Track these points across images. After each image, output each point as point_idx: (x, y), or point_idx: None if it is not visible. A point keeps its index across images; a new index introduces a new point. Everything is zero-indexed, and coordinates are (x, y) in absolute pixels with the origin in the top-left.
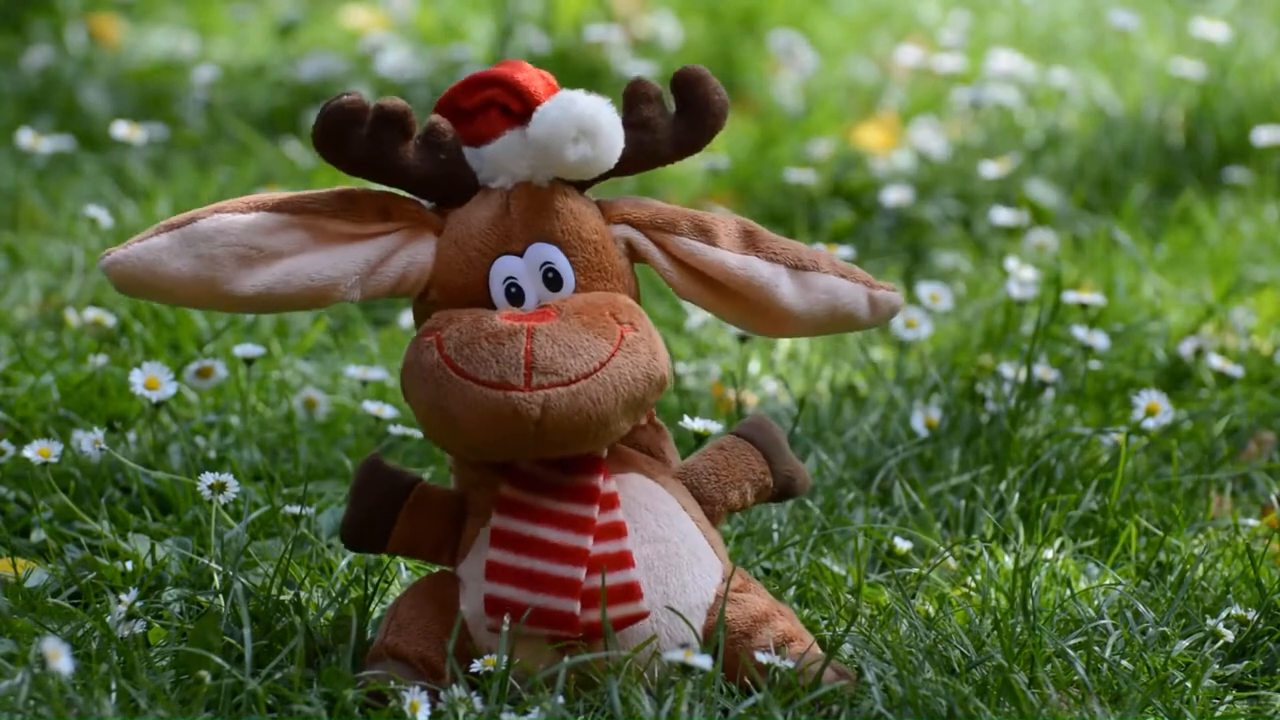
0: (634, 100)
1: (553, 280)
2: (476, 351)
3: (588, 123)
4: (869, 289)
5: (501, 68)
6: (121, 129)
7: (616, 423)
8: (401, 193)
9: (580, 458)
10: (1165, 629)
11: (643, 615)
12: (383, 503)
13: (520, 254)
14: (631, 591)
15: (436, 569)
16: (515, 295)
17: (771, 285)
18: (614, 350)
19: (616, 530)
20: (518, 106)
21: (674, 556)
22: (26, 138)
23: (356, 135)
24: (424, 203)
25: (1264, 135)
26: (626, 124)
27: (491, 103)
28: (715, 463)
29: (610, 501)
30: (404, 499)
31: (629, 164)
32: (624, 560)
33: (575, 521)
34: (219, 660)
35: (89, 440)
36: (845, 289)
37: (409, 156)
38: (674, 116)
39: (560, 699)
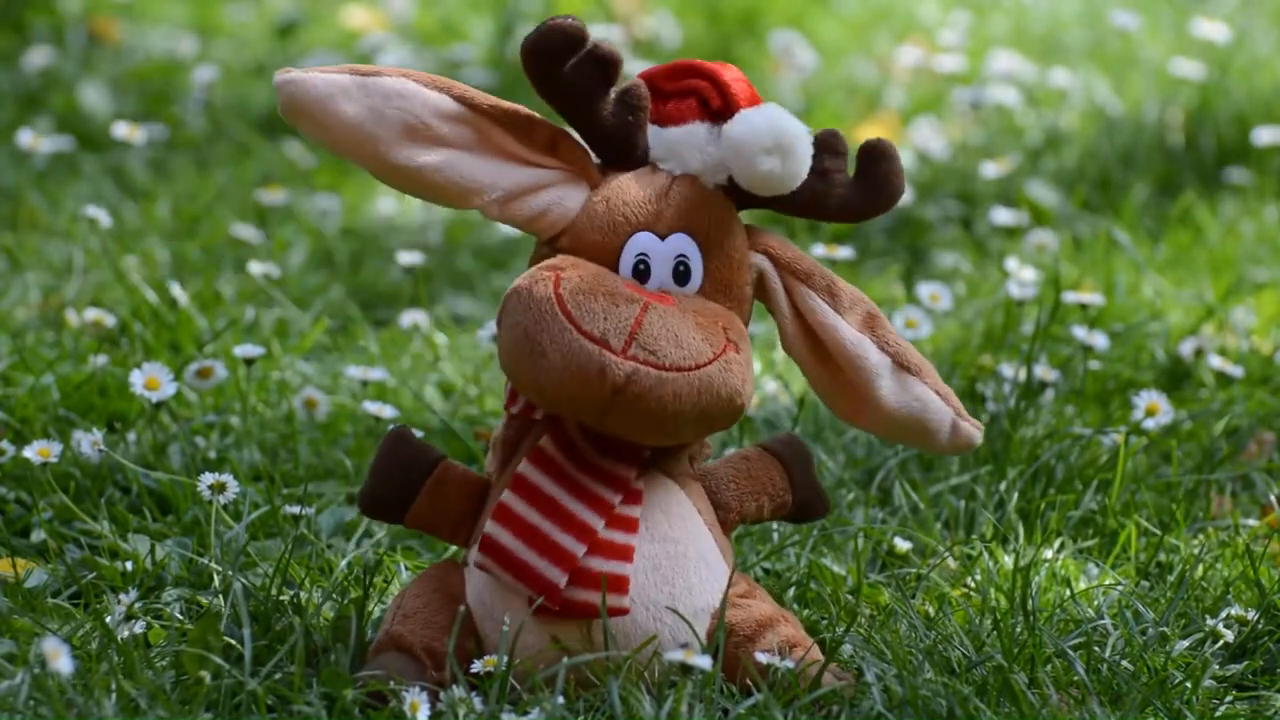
0: (823, 148)
1: (682, 274)
2: (591, 302)
3: (787, 140)
4: (957, 417)
5: (712, 64)
6: (121, 129)
7: (686, 427)
8: (576, 135)
9: (626, 447)
10: (1165, 629)
11: (624, 611)
12: (404, 477)
13: (662, 237)
14: (619, 584)
15: (443, 560)
16: (641, 273)
17: (874, 373)
18: (713, 358)
19: (628, 524)
20: (717, 103)
21: (682, 558)
22: (26, 138)
23: (566, 62)
24: (592, 155)
25: (1264, 135)
26: (810, 168)
27: (692, 92)
28: (738, 471)
29: (634, 497)
30: (427, 476)
31: (787, 203)
32: (624, 553)
33: (595, 501)
34: (219, 660)
35: (88, 441)
36: (937, 407)
37: (603, 104)
38: (852, 181)
39: (560, 699)
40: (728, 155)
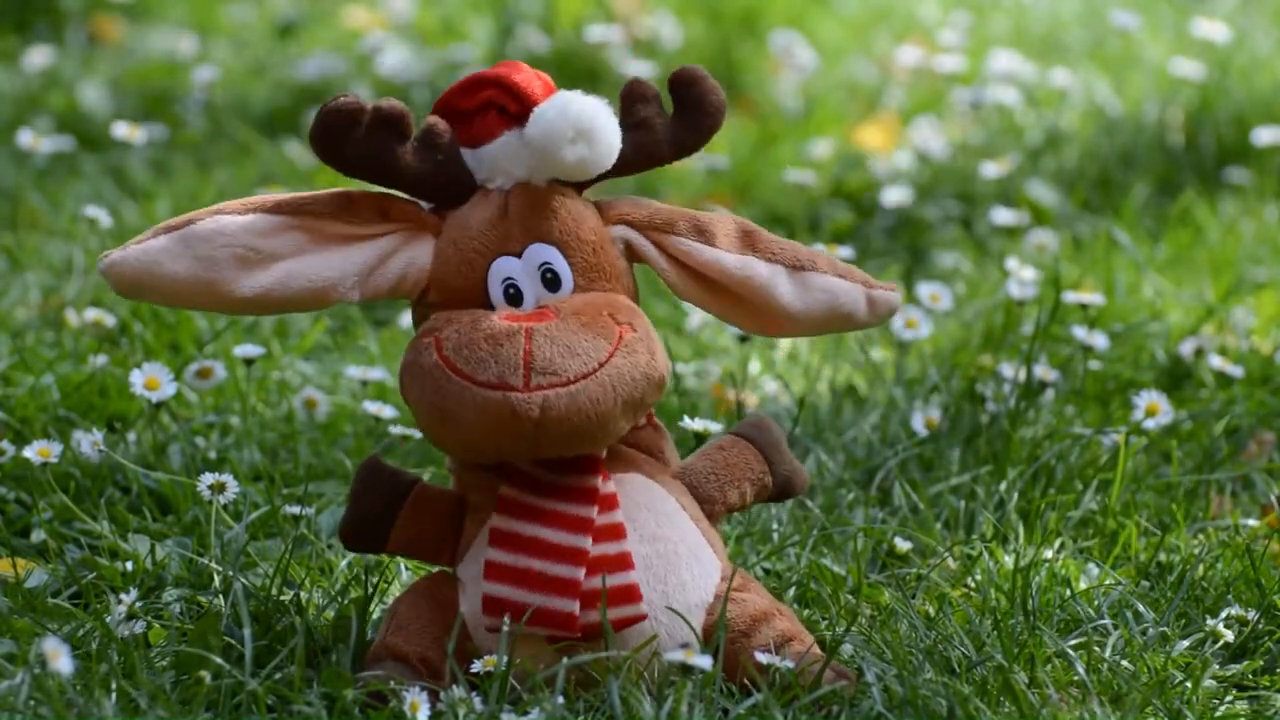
0: (631, 100)
1: (551, 281)
2: (475, 352)
3: (585, 123)
4: (867, 288)
5: (499, 68)
6: (121, 129)
7: (615, 423)
8: (400, 194)
9: (579, 459)
10: (1165, 629)
11: (641, 617)
12: (382, 503)
13: (519, 255)
14: (631, 593)
15: (436, 569)
16: (514, 296)
17: (770, 285)
18: (612, 350)
19: (615, 532)
20: (515, 107)
21: (673, 555)
22: (26, 138)
23: (353, 137)
24: (422, 204)
25: (1264, 135)
26: (624, 125)
27: (490, 104)
28: (715, 462)
29: (609, 503)
30: (404, 499)
31: (628, 165)
32: (623, 562)
33: (574, 522)
34: (219, 660)
35: (89, 441)
36: (843, 288)
37: (406, 158)
38: (672, 117)
39: (560, 699)
40: (535, 158)
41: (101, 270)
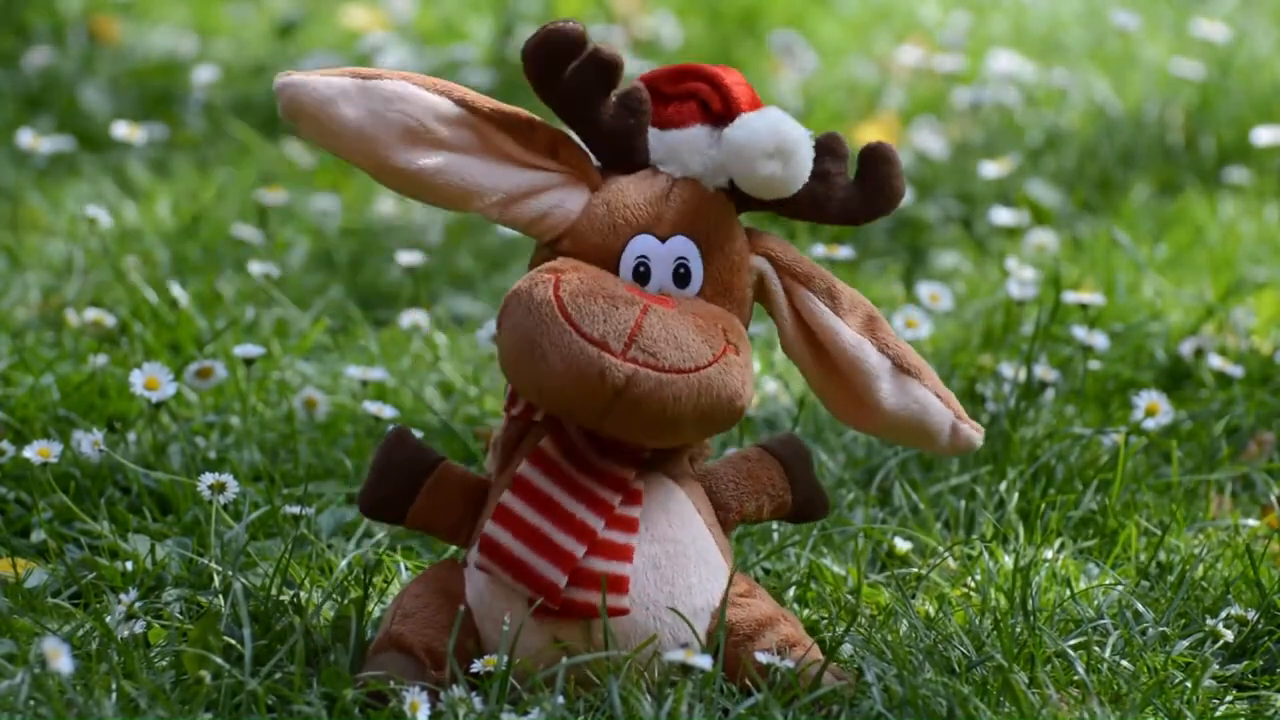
0: (823, 151)
1: (682, 276)
2: (591, 304)
3: (789, 145)
4: (956, 419)
5: (713, 67)
6: (121, 129)
7: (685, 428)
8: (575, 138)
9: (624, 449)
10: (1165, 629)
11: (624, 611)
12: (404, 477)
13: (663, 240)
14: (619, 584)
15: (442, 559)
16: (642, 275)
17: (874, 375)
18: (713, 360)
19: (628, 524)
20: (718, 106)
21: (682, 557)
22: (26, 138)
23: (566, 66)
24: (592, 157)
25: (1264, 135)
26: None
27: (693, 95)
28: (738, 471)
29: (634, 498)
30: (426, 476)
31: (791, 207)
32: (624, 553)
33: (595, 501)
34: (219, 660)
35: (89, 441)
36: (937, 409)
37: (603, 107)
38: (851, 184)
39: (560, 699)
40: (728, 159)
41: (276, 88)
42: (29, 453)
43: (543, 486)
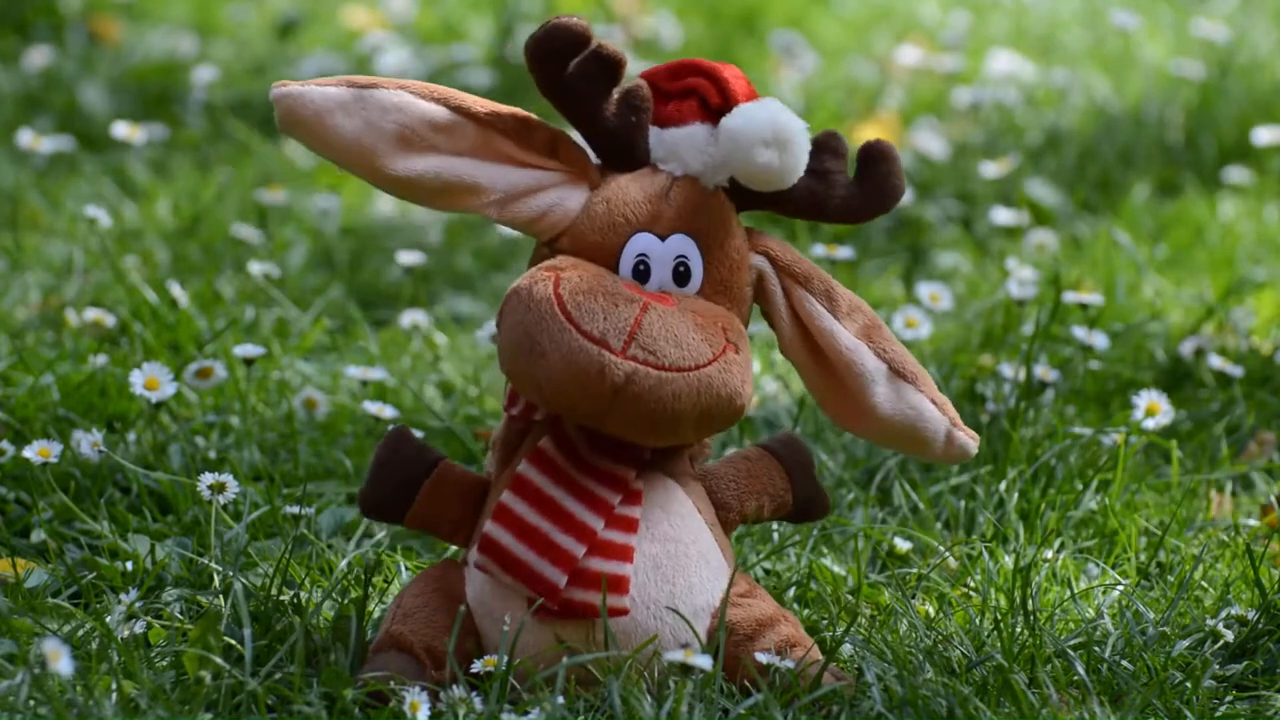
0: (822, 149)
1: (682, 275)
2: (591, 302)
3: (784, 132)
4: (952, 426)
5: (711, 63)
6: (121, 129)
7: (684, 426)
8: (574, 136)
9: (624, 448)
10: (1165, 629)
11: (624, 611)
12: (404, 477)
13: (662, 238)
14: (619, 584)
15: (442, 559)
16: (642, 273)
17: (870, 380)
18: (713, 359)
19: (628, 524)
20: (717, 101)
21: (683, 557)
22: (26, 138)
23: (569, 61)
24: (592, 155)
25: (1264, 135)
26: (807, 170)
27: (692, 91)
28: (739, 471)
29: (634, 498)
30: (426, 476)
31: (790, 205)
32: (624, 553)
33: (595, 501)
34: (219, 660)
35: (88, 441)
36: (932, 415)
37: (605, 105)
38: (851, 183)
39: (560, 699)
40: (725, 147)
41: (273, 97)
42: (29, 453)
43: (542, 486)
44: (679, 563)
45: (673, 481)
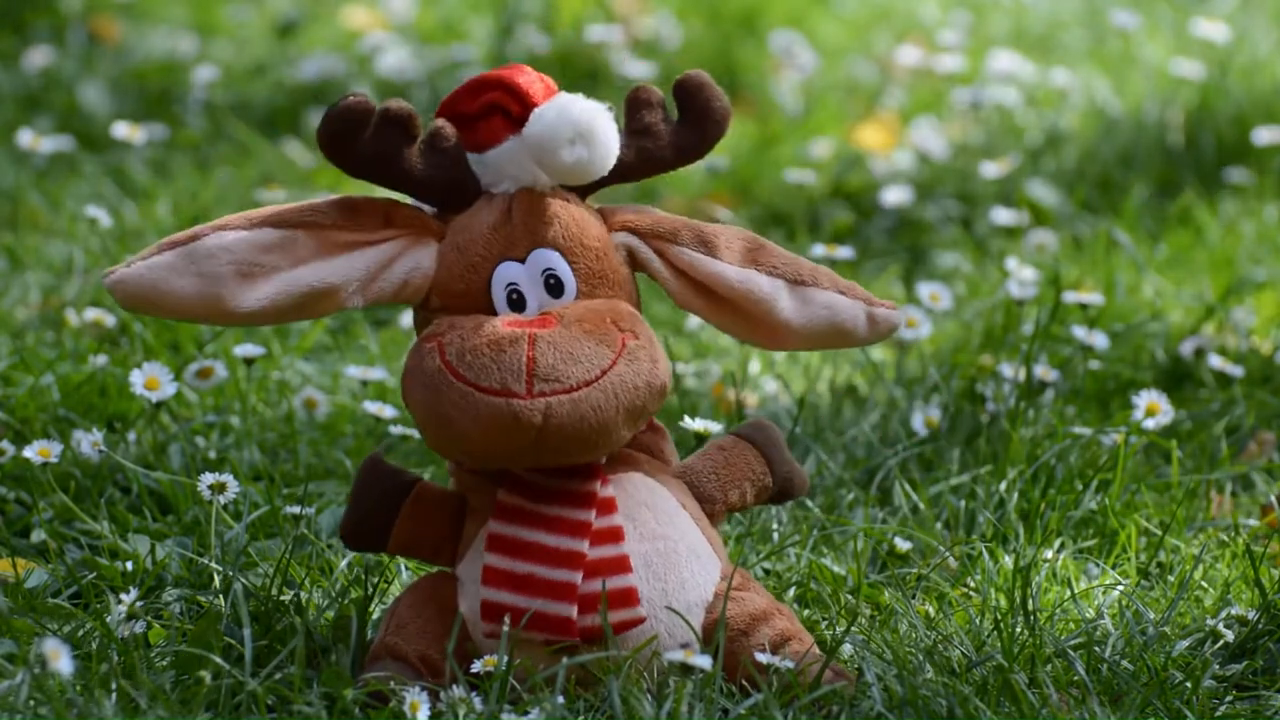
0: (635, 107)
1: (554, 286)
2: (478, 358)
3: (584, 125)
4: (868, 306)
5: (503, 70)
6: (121, 129)
7: (618, 431)
8: (404, 198)
9: (576, 466)
10: (1165, 629)
11: (640, 620)
12: (382, 502)
13: (522, 260)
14: (629, 597)
15: (435, 569)
16: (517, 301)
17: (770, 299)
18: (615, 358)
19: (614, 535)
20: (518, 110)
21: (673, 554)
22: (26, 138)
23: (361, 137)
24: (426, 208)
25: (1264, 135)
26: (628, 130)
27: (493, 107)
28: (715, 462)
29: (607, 506)
30: (403, 499)
31: (632, 170)
32: (621, 565)
33: (572, 526)
34: (219, 660)
35: (88, 441)
36: (844, 305)
37: (413, 160)
38: (676, 123)
39: (560, 699)
40: (535, 155)
41: (106, 286)
42: (29, 453)
43: (517, 535)
44: (669, 559)
45: (654, 481)
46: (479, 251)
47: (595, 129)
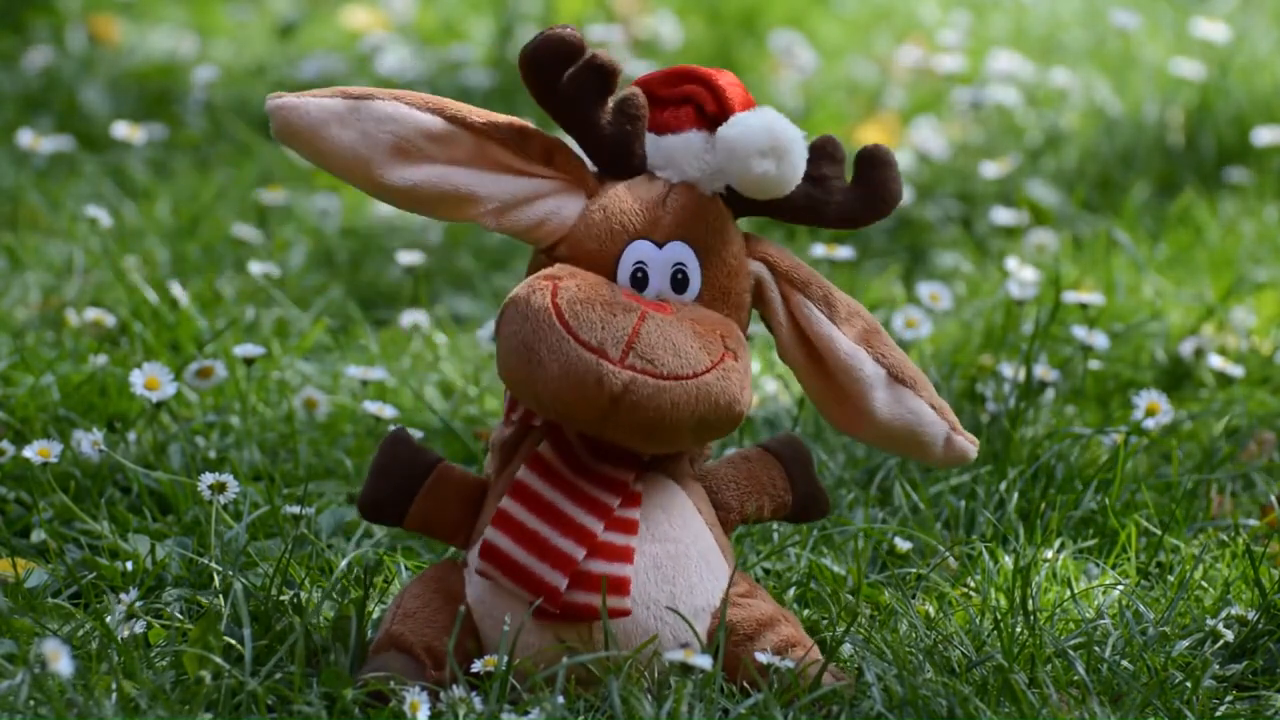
0: (820, 155)
1: (680, 282)
2: (589, 311)
3: (782, 143)
4: (951, 431)
5: (707, 69)
6: (121, 129)
7: (683, 434)
8: (570, 144)
9: (622, 452)
10: (1165, 629)
11: (625, 611)
12: (402, 479)
13: (660, 245)
14: (620, 585)
15: (442, 559)
16: (640, 280)
17: (868, 385)
18: (711, 367)
19: (628, 526)
20: (713, 108)
21: (683, 557)
22: (26, 138)
23: (563, 73)
24: (588, 163)
25: (1264, 135)
26: (805, 176)
27: (689, 99)
28: (738, 471)
29: (633, 500)
30: (424, 478)
31: (789, 211)
32: (624, 554)
33: (594, 505)
34: (219, 660)
35: (89, 441)
36: (931, 419)
37: (600, 113)
38: (848, 188)
39: (560, 699)
40: (723, 157)
41: (269, 109)
42: (29, 453)
43: (541, 491)
44: (679, 563)
45: (673, 482)
46: (623, 221)
47: (791, 150)
